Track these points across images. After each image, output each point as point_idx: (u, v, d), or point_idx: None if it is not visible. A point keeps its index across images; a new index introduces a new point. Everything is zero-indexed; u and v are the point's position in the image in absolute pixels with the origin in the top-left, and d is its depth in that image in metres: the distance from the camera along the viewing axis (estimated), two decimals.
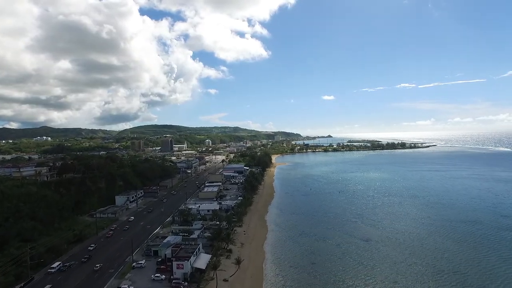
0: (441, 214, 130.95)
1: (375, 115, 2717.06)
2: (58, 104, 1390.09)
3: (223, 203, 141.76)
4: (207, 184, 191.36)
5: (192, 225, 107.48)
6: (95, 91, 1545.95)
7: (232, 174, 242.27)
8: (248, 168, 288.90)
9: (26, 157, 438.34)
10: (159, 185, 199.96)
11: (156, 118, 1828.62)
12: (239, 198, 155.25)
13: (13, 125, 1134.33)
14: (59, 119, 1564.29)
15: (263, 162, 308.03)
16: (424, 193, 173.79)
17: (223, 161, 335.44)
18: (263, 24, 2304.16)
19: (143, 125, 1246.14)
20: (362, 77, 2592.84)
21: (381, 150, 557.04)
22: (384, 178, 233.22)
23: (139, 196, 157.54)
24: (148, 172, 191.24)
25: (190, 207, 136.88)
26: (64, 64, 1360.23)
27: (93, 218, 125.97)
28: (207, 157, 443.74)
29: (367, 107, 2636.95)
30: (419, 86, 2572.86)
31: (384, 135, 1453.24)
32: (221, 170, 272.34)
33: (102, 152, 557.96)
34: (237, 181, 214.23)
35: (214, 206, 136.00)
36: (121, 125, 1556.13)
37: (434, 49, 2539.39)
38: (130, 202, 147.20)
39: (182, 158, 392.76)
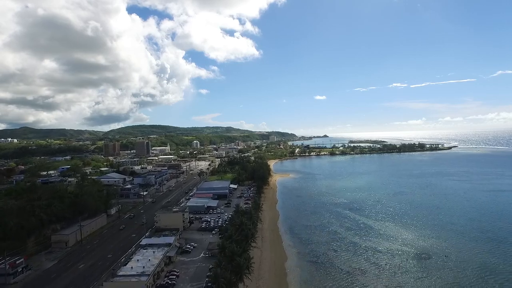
0: None
1: (367, 115, 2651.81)
2: (46, 105, 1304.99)
3: None
4: (143, 243, 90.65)
5: None
6: (84, 91, 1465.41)
7: (207, 203, 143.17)
8: (235, 186, 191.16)
9: None
10: (52, 241, 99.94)
11: (148, 118, 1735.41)
12: None
13: (1, 126, 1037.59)
14: (48, 119, 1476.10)
15: (259, 176, 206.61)
16: None
17: (200, 173, 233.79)
18: (253, 22, 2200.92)
19: (132, 125, 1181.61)
20: (354, 77, 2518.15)
21: (399, 153, 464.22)
22: (466, 213, 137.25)
23: None
24: (23, 215, 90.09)
25: None
26: (49, 63, 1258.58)
27: None
28: (187, 163, 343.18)
29: (359, 106, 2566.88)
30: (411, 86, 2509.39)
31: (378, 134, 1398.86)
32: (192, 193, 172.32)
33: (66, 157, 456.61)
34: (213, 224, 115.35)
35: None
36: (113, 126, 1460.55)
37: (426, 49, 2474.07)
38: None
39: (149, 167, 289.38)
